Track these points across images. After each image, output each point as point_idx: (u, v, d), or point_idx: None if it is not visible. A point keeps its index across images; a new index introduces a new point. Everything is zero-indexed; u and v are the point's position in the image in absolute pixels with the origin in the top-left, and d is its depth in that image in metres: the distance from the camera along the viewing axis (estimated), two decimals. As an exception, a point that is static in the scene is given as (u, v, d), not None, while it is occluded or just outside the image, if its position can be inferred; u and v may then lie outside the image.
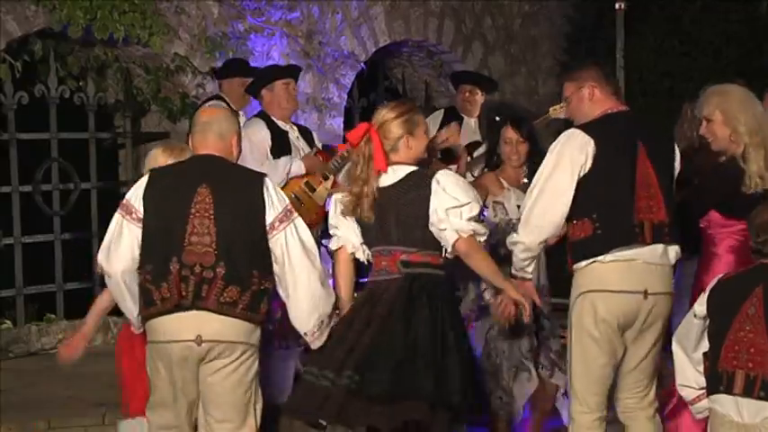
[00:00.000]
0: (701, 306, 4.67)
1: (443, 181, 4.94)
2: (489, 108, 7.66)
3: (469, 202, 4.92)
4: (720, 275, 4.80)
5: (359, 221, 5.09)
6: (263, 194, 4.86)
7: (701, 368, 4.68)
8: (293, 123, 7.12)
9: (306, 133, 7.15)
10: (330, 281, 5.08)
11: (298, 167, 6.84)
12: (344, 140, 8.11)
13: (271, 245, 4.88)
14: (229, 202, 4.86)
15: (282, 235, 4.87)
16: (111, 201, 9.44)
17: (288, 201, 4.96)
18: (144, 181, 4.98)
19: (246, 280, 4.83)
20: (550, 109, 7.36)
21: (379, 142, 4.98)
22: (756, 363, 4.45)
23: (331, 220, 5.23)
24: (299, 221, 4.93)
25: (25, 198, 8.58)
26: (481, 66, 10.84)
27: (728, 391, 4.53)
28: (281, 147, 6.88)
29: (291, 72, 7.20)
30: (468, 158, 7.09)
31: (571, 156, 5.07)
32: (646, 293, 5.07)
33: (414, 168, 5.02)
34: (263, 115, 7.01)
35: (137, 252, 4.90)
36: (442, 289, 4.98)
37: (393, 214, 4.97)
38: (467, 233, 4.92)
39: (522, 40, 11.36)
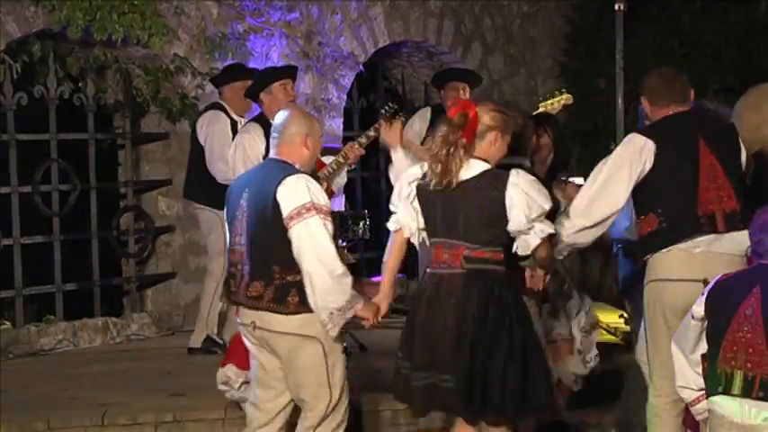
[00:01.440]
0: (698, 307, 4.68)
1: (523, 184, 4.96)
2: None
3: (549, 206, 5.02)
4: (718, 276, 4.81)
5: (424, 209, 5.10)
6: (276, 193, 5.10)
7: (700, 369, 4.69)
8: None
9: None
10: (345, 275, 5.13)
11: None
12: (343, 141, 8.08)
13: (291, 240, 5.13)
14: (255, 204, 5.18)
15: (294, 231, 5.09)
16: (111, 201, 9.47)
17: (309, 198, 5.10)
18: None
19: (268, 275, 5.14)
20: (540, 105, 7.37)
21: (476, 120, 4.99)
22: (755, 363, 4.46)
23: (393, 200, 5.25)
24: (314, 219, 5.09)
25: (24, 199, 8.57)
26: (480, 66, 10.83)
27: (727, 392, 4.54)
28: None
29: (289, 72, 7.10)
30: None
31: (631, 159, 5.32)
32: (705, 282, 5.08)
33: (488, 167, 5.02)
34: (261, 120, 6.87)
35: None
36: (509, 285, 5.03)
37: (463, 210, 4.99)
38: (547, 235, 5.03)
39: (521, 41, 11.35)
